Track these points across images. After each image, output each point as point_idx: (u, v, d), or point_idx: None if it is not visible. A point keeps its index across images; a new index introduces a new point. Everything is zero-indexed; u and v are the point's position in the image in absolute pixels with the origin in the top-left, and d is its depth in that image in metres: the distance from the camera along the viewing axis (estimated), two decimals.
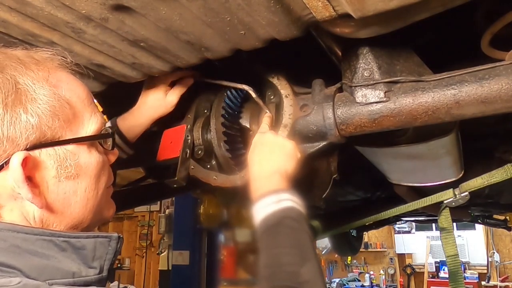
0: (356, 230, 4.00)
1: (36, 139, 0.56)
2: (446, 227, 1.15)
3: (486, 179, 1.04)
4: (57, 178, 0.58)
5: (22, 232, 0.55)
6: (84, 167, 0.62)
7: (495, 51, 0.86)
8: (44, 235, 0.56)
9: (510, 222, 3.34)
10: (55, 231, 0.58)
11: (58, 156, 0.58)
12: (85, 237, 0.59)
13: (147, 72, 0.99)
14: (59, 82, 0.61)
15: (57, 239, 0.56)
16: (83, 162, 0.61)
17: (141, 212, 7.89)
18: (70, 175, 0.59)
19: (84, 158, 0.62)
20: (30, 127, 0.55)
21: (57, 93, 0.59)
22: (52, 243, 0.56)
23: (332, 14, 0.70)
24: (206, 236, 4.43)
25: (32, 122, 0.55)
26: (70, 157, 0.59)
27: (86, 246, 0.59)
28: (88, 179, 0.62)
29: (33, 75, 0.58)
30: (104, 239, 0.61)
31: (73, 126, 0.61)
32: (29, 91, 0.56)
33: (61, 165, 0.58)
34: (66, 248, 0.57)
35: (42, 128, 0.56)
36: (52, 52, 0.63)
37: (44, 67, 0.60)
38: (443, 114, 0.79)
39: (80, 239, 0.58)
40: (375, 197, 2.30)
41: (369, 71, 0.86)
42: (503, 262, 8.12)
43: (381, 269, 9.60)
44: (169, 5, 0.69)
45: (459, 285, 1.11)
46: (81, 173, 0.61)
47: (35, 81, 0.58)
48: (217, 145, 1.02)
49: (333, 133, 0.89)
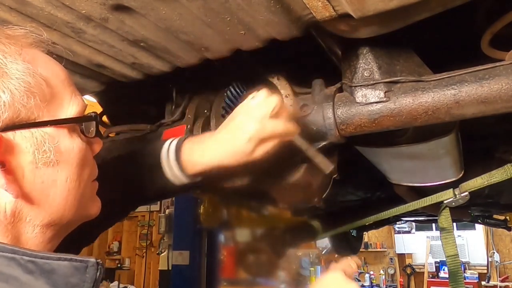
0: (356, 230, 4.00)
1: (9, 118, 0.49)
2: (446, 227, 1.15)
3: (486, 179, 1.04)
4: (34, 164, 0.51)
5: None
6: (65, 153, 0.54)
7: (495, 51, 0.86)
8: (5, 251, 0.47)
9: (510, 222, 3.34)
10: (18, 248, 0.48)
11: (35, 139, 0.51)
12: (55, 258, 0.50)
13: (147, 72, 0.99)
14: (34, 59, 0.53)
15: (21, 257, 0.47)
16: (64, 148, 0.54)
17: (141, 212, 7.88)
18: (49, 161, 0.52)
19: (65, 143, 0.54)
20: (2, 104, 0.48)
21: (31, 68, 0.52)
22: (14, 262, 0.47)
23: (332, 14, 0.70)
24: (206, 236, 4.43)
25: (3, 98, 0.48)
26: (48, 141, 0.52)
27: (56, 270, 0.49)
28: (69, 167, 0.55)
29: (3, 49, 0.51)
30: (79, 264, 0.51)
31: (51, 107, 0.54)
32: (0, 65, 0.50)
33: (39, 149, 0.51)
34: (33, 270, 0.47)
35: (16, 106, 0.49)
36: (26, 30, 0.56)
37: (17, 42, 0.53)
38: (443, 114, 0.79)
39: (48, 261, 0.49)
40: (375, 197, 2.30)
41: (369, 71, 0.86)
42: (503, 262, 8.12)
43: (381, 269, 9.60)
44: (169, 5, 0.69)
45: (459, 285, 1.11)
46: (61, 159, 0.53)
47: (7, 55, 0.51)
48: None
49: (333, 133, 0.89)
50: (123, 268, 8.04)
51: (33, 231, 0.53)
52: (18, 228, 0.52)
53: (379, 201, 2.29)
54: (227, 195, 2.39)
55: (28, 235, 0.53)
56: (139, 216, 8.11)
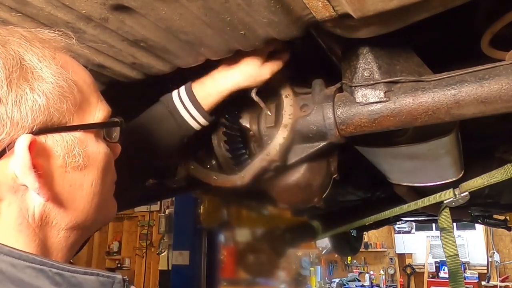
0: (356, 230, 4.01)
1: (43, 122, 0.50)
2: (446, 227, 1.15)
3: (486, 179, 1.04)
4: (64, 168, 0.52)
5: (10, 256, 0.47)
6: (91, 157, 0.55)
7: (495, 51, 0.86)
8: (35, 263, 0.48)
9: (510, 222, 3.35)
10: (47, 260, 0.49)
11: (65, 143, 0.52)
12: (82, 272, 0.50)
13: (147, 72, 0.99)
14: (66, 64, 0.55)
15: (50, 269, 0.48)
16: (91, 152, 0.55)
17: (141, 212, 7.89)
18: (78, 165, 0.53)
19: (92, 147, 0.55)
20: (37, 108, 0.49)
21: (64, 73, 0.53)
22: (43, 274, 0.47)
23: (332, 14, 0.70)
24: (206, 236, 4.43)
25: (39, 102, 0.49)
26: (78, 145, 0.53)
27: (83, 284, 0.49)
28: (95, 171, 0.56)
29: (38, 53, 0.52)
30: (106, 279, 0.51)
31: (81, 112, 0.55)
32: (36, 68, 0.50)
33: (69, 154, 0.52)
34: (60, 282, 0.48)
35: (50, 110, 0.50)
36: (55, 34, 0.57)
37: (50, 46, 0.55)
38: (443, 114, 0.79)
39: (75, 275, 0.49)
40: (375, 197, 2.30)
41: (369, 71, 0.86)
42: (503, 262, 8.12)
43: (381, 269, 9.60)
44: (169, 5, 0.69)
45: (459, 285, 1.11)
46: (89, 164, 0.55)
47: (41, 59, 0.51)
48: (217, 145, 1.02)
49: (333, 133, 0.89)
50: (123, 268, 8.04)
51: (57, 235, 0.54)
52: (44, 232, 0.53)
53: (379, 201, 2.29)
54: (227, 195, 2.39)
55: (53, 240, 0.54)
56: (139, 216, 8.12)
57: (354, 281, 9.41)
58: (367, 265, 9.88)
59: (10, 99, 0.48)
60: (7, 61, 0.48)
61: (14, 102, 0.48)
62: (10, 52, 0.50)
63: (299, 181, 1.02)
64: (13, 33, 0.52)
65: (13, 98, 0.48)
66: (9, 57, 0.49)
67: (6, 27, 0.53)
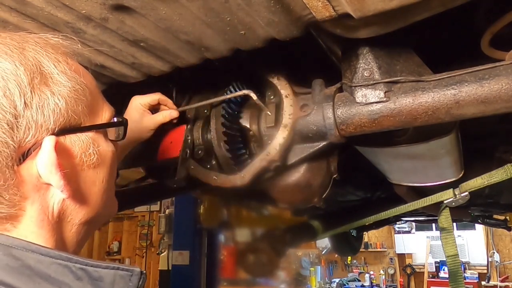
0: (356, 230, 4.00)
1: (63, 124, 0.53)
2: (446, 227, 1.15)
3: (486, 179, 1.04)
4: (80, 167, 0.56)
5: (37, 253, 0.50)
6: (103, 156, 0.59)
7: (495, 51, 0.86)
8: (61, 259, 0.51)
9: (510, 222, 3.34)
10: (72, 257, 0.52)
11: (82, 143, 0.56)
12: (104, 267, 0.54)
13: (147, 72, 0.99)
14: (76, 68, 0.59)
15: (74, 265, 0.52)
16: (103, 151, 0.59)
17: (141, 212, 7.88)
18: (92, 163, 0.57)
19: (103, 146, 0.60)
20: (58, 110, 0.53)
21: (77, 77, 0.57)
22: (67, 269, 0.51)
23: (332, 14, 0.70)
24: (206, 236, 4.43)
25: (59, 105, 0.53)
26: (92, 145, 0.57)
27: (104, 278, 0.53)
28: (106, 169, 0.60)
29: (53, 58, 0.55)
30: (125, 273, 0.55)
31: (92, 113, 0.59)
32: (53, 73, 0.54)
33: (85, 153, 0.56)
34: (82, 277, 0.51)
35: (68, 112, 0.54)
36: (58, 38, 0.60)
37: (61, 51, 0.58)
38: (443, 114, 0.79)
39: (97, 269, 0.53)
40: (375, 197, 2.30)
41: (369, 71, 0.86)
42: (503, 262, 8.12)
43: (381, 269, 9.60)
44: (169, 5, 0.69)
45: (459, 285, 1.11)
46: (101, 162, 0.59)
47: (57, 64, 0.55)
48: (217, 145, 1.02)
49: (333, 133, 0.89)
50: None
51: (71, 230, 0.57)
52: (61, 227, 0.56)
53: (379, 201, 2.29)
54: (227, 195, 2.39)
55: (66, 234, 0.57)
56: (139, 216, 8.12)
57: (354, 281, 9.41)
58: (367, 265, 9.88)
59: (34, 103, 0.51)
60: (27, 67, 0.51)
61: (38, 106, 0.51)
62: (29, 58, 0.52)
63: (299, 181, 1.02)
64: (27, 39, 0.55)
65: (37, 102, 0.51)
66: (29, 63, 0.52)
67: (18, 34, 0.56)
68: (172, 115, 1.05)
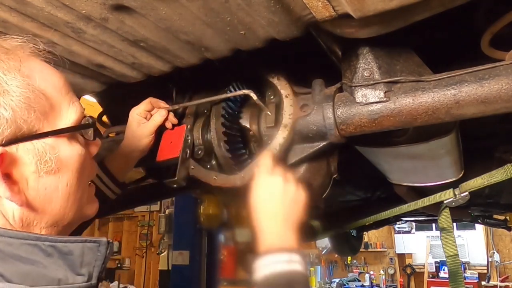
0: (356, 230, 4.00)
1: (12, 134, 0.53)
2: (446, 227, 1.14)
3: (486, 179, 1.04)
4: (37, 174, 0.55)
5: (6, 236, 0.52)
6: (65, 160, 0.58)
7: (495, 51, 0.86)
8: (29, 239, 0.53)
9: (510, 222, 3.34)
10: (41, 235, 0.55)
11: (37, 151, 0.55)
12: (72, 241, 0.56)
13: (147, 72, 0.99)
14: (32, 72, 0.57)
15: (43, 243, 0.54)
16: (64, 156, 0.58)
17: (141, 212, 7.89)
18: (51, 169, 0.56)
19: (65, 151, 0.58)
20: (4, 121, 0.52)
21: (31, 83, 0.55)
22: (37, 248, 0.53)
23: (332, 14, 0.70)
24: (206, 236, 4.43)
25: (6, 116, 0.52)
26: (49, 151, 0.56)
27: (73, 251, 0.55)
28: (69, 173, 0.59)
29: (3, 66, 0.54)
30: (93, 244, 0.57)
31: (51, 118, 0.57)
32: (1, 83, 0.53)
33: (41, 160, 0.55)
34: (52, 253, 0.54)
35: (18, 122, 0.53)
36: (22, 39, 0.59)
37: (15, 56, 0.56)
38: (443, 114, 0.79)
39: (67, 244, 0.55)
40: (375, 197, 2.30)
41: (369, 71, 0.86)
42: (503, 262, 8.12)
43: (381, 269, 9.60)
44: (169, 5, 0.69)
45: (459, 285, 1.11)
46: (62, 167, 0.58)
47: (6, 72, 0.54)
48: (217, 145, 1.02)
49: (333, 133, 0.89)
50: (123, 268, 8.04)
51: (40, 232, 0.58)
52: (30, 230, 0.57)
53: (379, 201, 2.29)
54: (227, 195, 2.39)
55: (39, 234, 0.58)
56: (139, 216, 8.12)
57: (354, 281, 9.40)
58: (367, 265, 9.88)
59: None
60: None
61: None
62: None
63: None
64: None
65: None
66: None
67: None
68: (161, 114, 1.06)
